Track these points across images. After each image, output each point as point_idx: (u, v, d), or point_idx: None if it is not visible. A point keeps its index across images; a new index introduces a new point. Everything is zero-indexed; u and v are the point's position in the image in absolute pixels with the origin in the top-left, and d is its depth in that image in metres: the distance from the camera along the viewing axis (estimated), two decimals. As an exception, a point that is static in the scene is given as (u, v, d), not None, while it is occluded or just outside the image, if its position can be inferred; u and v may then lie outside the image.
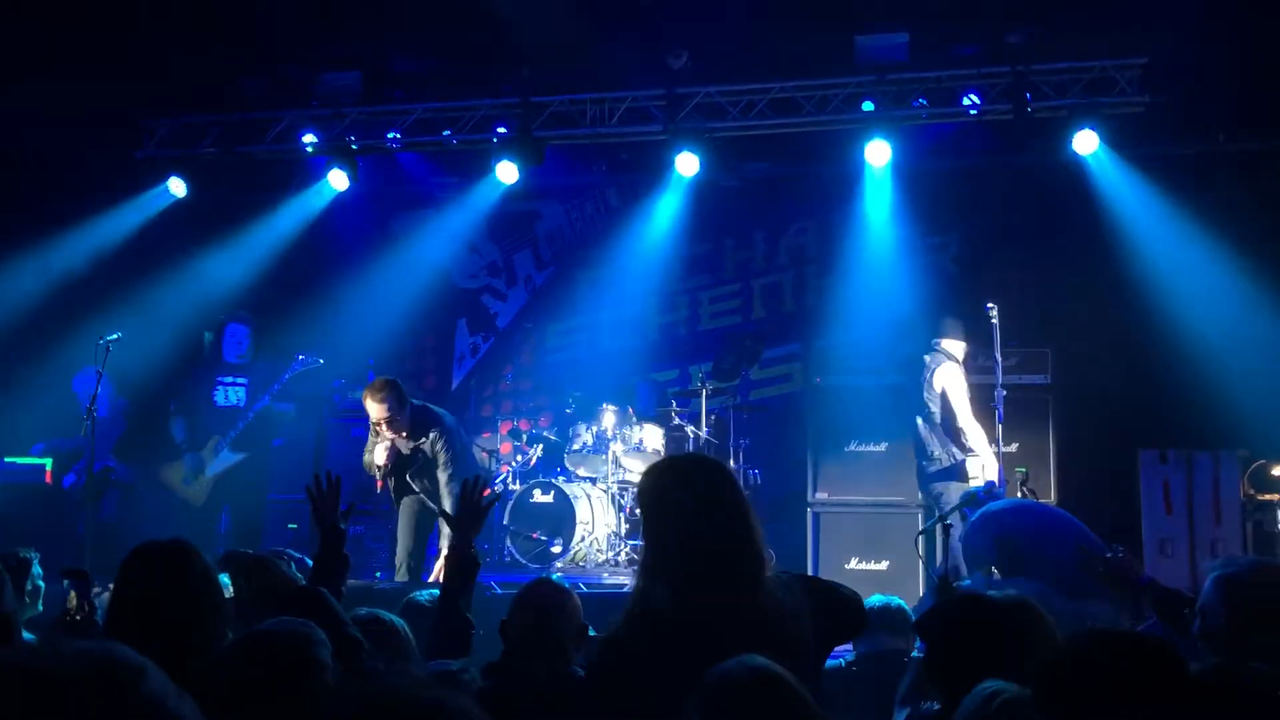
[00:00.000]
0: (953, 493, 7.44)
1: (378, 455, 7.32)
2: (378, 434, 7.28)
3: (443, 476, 7.34)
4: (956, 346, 7.88)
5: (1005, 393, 7.48)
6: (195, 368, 8.48)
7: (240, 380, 8.07)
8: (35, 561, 4.53)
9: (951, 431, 7.65)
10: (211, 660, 2.64)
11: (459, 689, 3.15)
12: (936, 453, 7.67)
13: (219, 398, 8.04)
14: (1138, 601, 4.01)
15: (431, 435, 7.36)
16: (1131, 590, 4.12)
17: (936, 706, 3.09)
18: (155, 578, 3.01)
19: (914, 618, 4.96)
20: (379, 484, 7.54)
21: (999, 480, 7.30)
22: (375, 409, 7.17)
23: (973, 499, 6.67)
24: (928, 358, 7.83)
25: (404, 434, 7.31)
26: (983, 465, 7.47)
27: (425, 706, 1.43)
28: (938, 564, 6.79)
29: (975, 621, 2.96)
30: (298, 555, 5.08)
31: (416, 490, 7.51)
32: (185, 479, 7.95)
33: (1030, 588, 5.78)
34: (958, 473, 7.57)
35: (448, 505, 7.12)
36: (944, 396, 7.68)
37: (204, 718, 1.47)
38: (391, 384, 7.26)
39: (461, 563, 3.93)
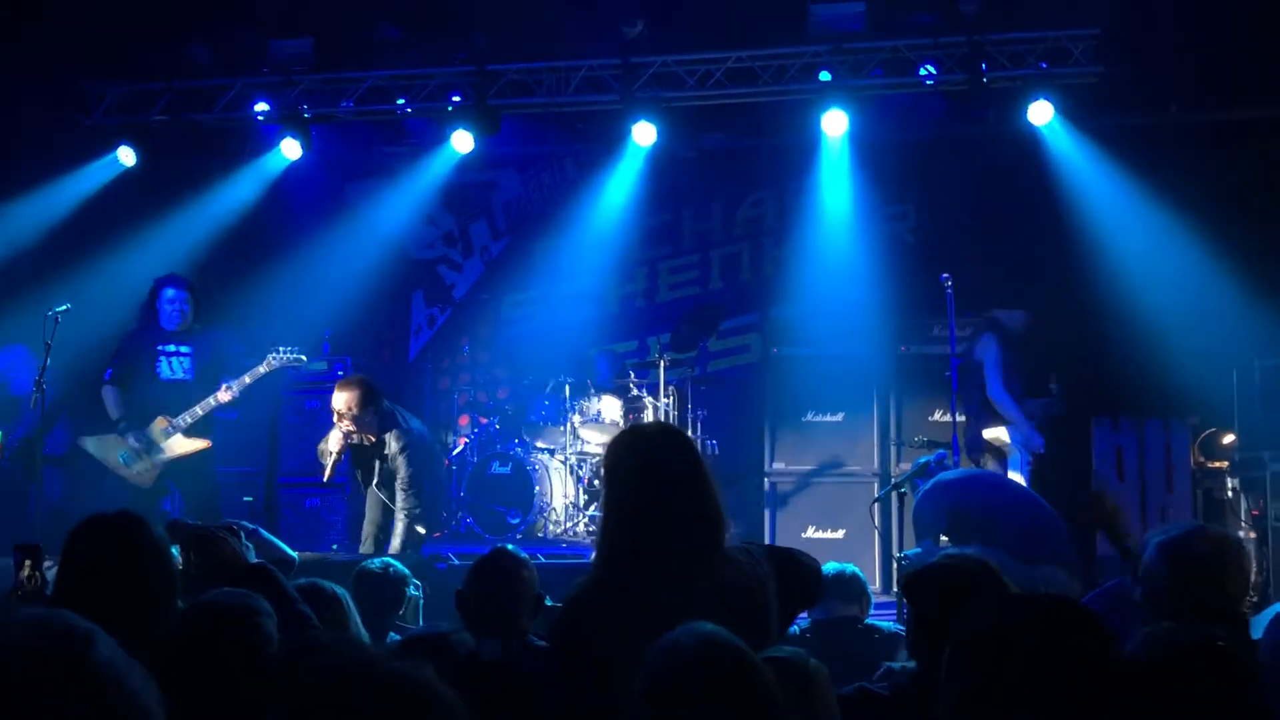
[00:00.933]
0: None
1: (331, 442, 7.21)
2: (337, 422, 7.20)
3: (399, 489, 7.24)
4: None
5: (961, 361, 7.52)
6: (131, 335, 7.82)
7: (184, 350, 7.59)
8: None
9: None
10: (159, 632, 2.61)
11: (450, 650, 3.15)
12: None
13: (162, 370, 7.56)
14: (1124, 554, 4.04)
15: (392, 438, 7.23)
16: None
17: (914, 666, 3.12)
18: (104, 549, 2.98)
19: (868, 585, 5.00)
20: (326, 473, 7.39)
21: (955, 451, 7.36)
22: (338, 401, 7.09)
23: (923, 469, 6.73)
24: None
25: (367, 436, 7.23)
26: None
27: (389, 678, 1.43)
28: (894, 531, 6.83)
29: (960, 582, 3.01)
30: (250, 526, 5.04)
31: (374, 482, 7.44)
32: (124, 457, 7.44)
33: (988, 554, 5.85)
34: None
35: (399, 521, 7.17)
36: None
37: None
38: (363, 383, 7.15)
39: None
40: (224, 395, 7.42)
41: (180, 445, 7.45)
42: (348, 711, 1.39)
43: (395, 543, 7.17)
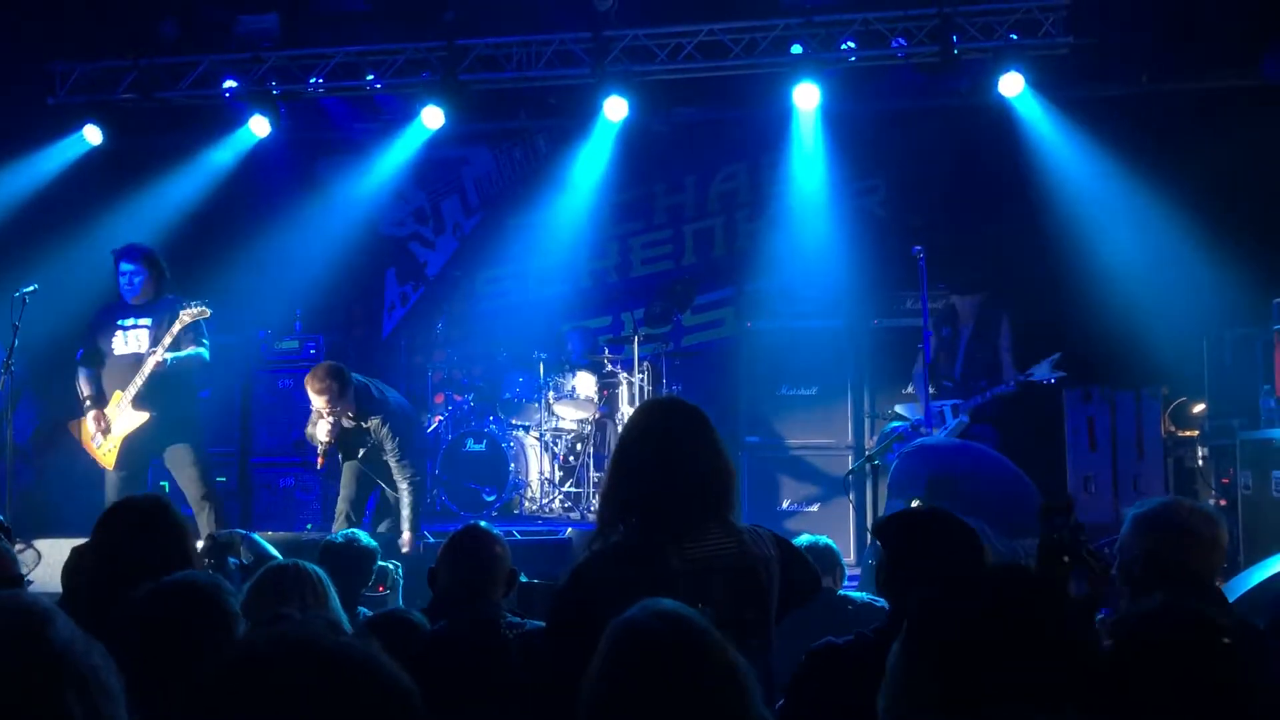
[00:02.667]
0: None
1: (320, 431, 7.14)
2: (320, 414, 7.14)
3: (392, 463, 7.23)
4: None
5: (932, 333, 7.55)
6: (99, 311, 7.55)
7: (143, 322, 7.26)
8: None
9: None
10: (122, 609, 2.63)
11: (410, 632, 3.15)
12: None
13: (117, 345, 7.25)
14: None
15: (374, 422, 7.19)
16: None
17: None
18: (129, 530, 3.16)
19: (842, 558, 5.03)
20: (320, 460, 7.37)
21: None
22: (316, 399, 6.99)
23: (899, 436, 6.76)
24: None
25: (348, 417, 7.18)
26: None
27: (331, 653, 1.40)
28: (868, 503, 6.86)
29: (934, 530, 3.03)
30: (243, 533, 5.02)
31: (360, 459, 7.41)
32: (96, 439, 7.22)
33: (971, 523, 5.90)
34: None
35: (404, 494, 7.16)
36: None
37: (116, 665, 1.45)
38: (334, 371, 7.01)
39: None
40: (151, 362, 7.07)
41: (126, 421, 7.13)
42: (283, 687, 1.37)
43: (405, 512, 7.14)
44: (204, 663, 1.40)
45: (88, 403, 7.25)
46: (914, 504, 5.85)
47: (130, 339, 7.22)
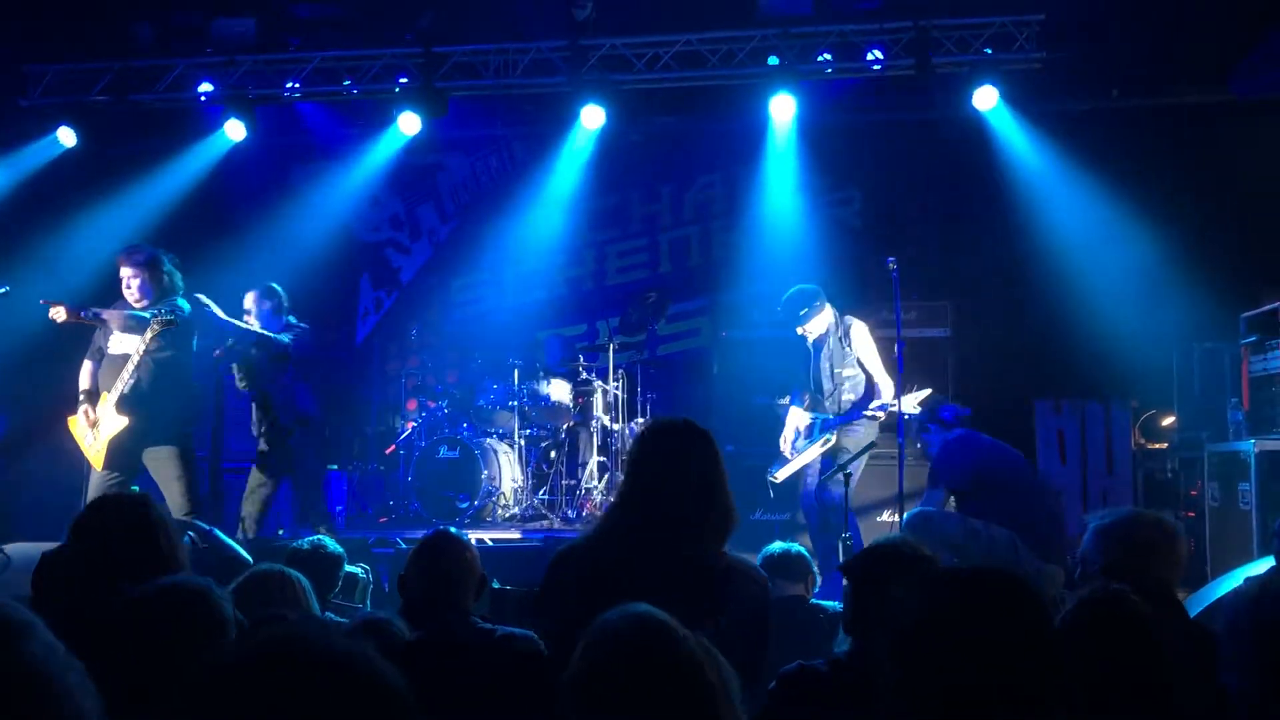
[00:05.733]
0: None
1: None
2: None
3: None
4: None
5: (905, 345, 7.57)
6: (109, 308, 7.25)
7: (142, 324, 7.00)
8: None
9: None
10: (114, 611, 2.62)
11: (388, 638, 3.15)
12: None
13: (113, 343, 7.07)
14: None
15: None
16: None
17: (845, 648, 3.17)
18: (112, 528, 3.14)
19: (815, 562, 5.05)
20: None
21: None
22: None
23: (938, 421, 6.71)
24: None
25: None
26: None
27: (327, 653, 1.41)
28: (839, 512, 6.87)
29: (897, 565, 3.06)
30: (205, 527, 4.98)
31: None
32: (86, 435, 7.04)
33: (999, 533, 5.95)
34: None
35: None
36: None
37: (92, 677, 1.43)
38: None
39: None
40: (131, 365, 6.93)
41: (111, 423, 6.97)
42: (279, 687, 1.38)
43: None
44: (198, 664, 1.39)
45: (82, 398, 7.08)
46: (950, 502, 5.92)
47: (124, 340, 7.04)
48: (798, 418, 7.56)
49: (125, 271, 7.12)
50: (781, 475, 7.52)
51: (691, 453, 3.32)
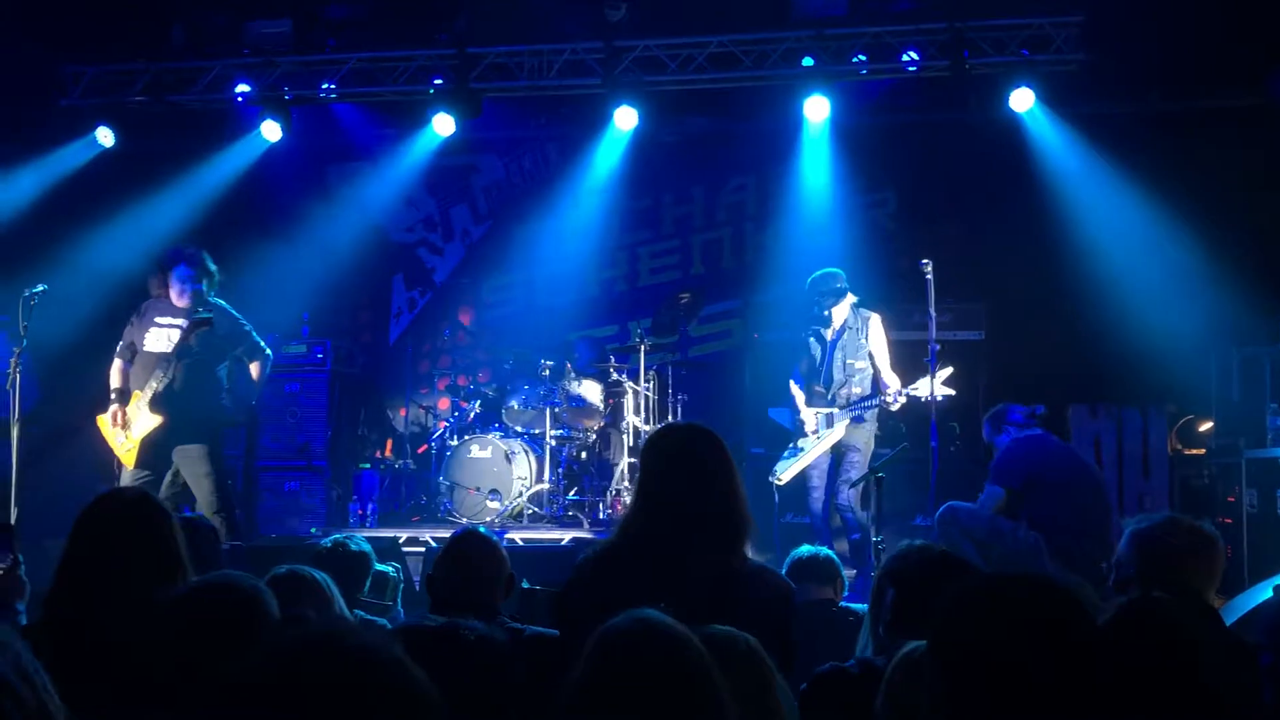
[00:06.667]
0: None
1: None
2: None
3: None
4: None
5: (939, 347, 7.52)
6: (143, 306, 7.33)
7: (177, 323, 7.10)
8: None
9: None
10: (162, 606, 2.64)
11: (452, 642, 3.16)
12: None
13: (150, 340, 7.11)
14: None
15: None
16: None
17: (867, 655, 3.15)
18: (116, 526, 3.10)
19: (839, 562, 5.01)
20: None
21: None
22: None
23: (1003, 414, 6.69)
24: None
25: None
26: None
27: (355, 652, 1.43)
28: (870, 513, 6.82)
29: (936, 574, 3.04)
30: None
31: None
32: (116, 434, 7.08)
33: (1027, 537, 5.92)
34: None
35: None
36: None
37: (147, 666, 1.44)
38: None
39: None
40: (171, 363, 7.03)
41: (145, 422, 7.02)
42: (309, 680, 1.39)
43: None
44: (237, 663, 1.40)
45: (114, 395, 7.13)
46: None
47: (162, 337, 7.11)
48: (809, 413, 7.52)
49: (186, 273, 7.19)
50: (786, 476, 7.47)
51: (699, 455, 3.31)
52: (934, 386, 7.03)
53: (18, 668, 1.33)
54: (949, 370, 7.21)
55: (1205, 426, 8.46)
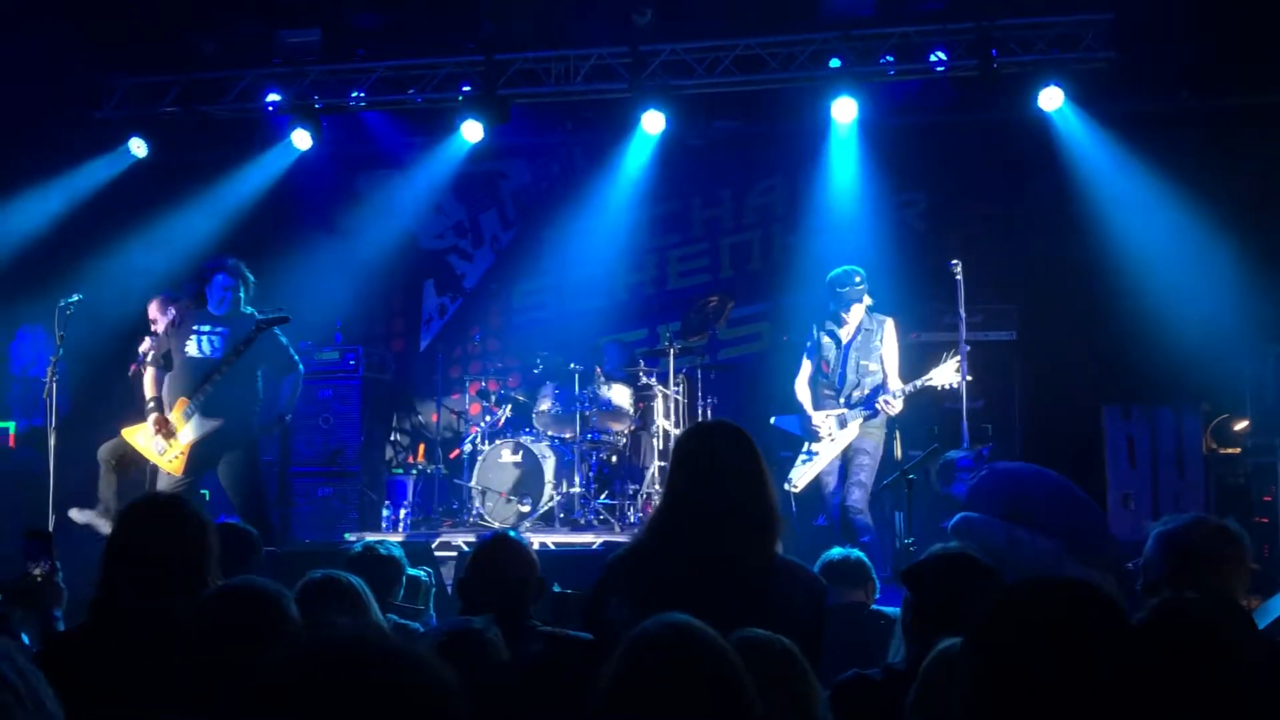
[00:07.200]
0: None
1: None
2: None
3: None
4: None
5: (969, 348, 7.49)
6: (178, 316, 7.43)
7: (220, 329, 7.25)
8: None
9: None
10: (195, 607, 2.68)
11: (484, 646, 3.18)
12: None
13: (189, 348, 7.20)
14: None
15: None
16: None
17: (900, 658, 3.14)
18: (151, 528, 3.16)
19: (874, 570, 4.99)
20: None
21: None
22: None
23: (951, 465, 6.70)
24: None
25: None
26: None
27: (382, 654, 1.44)
28: (902, 518, 6.80)
29: (963, 574, 3.03)
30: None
31: None
32: (155, 443, 7.09)
33: (1045, 543, 5.89)
34: None
35: None
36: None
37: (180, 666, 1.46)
38: None
39: None
40: (209, 374, 7.12)
41: (195, 427, 7.09)
42: (335, 682, 1.40)
43: None
44: (262, 665, 1.42)
45: (151, 404, 7.19)
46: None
47: (205, 344, 7.22)
48: (819, 416, 7.46)
49: (225, 282, 7.33)
50: (801, 482, 7.44)
51: (728, 452, 3.30)
52: (945, 374, 7.02)
53: (17, 670, 1.35)
54: (957, 359, 7.18)
55: (1241, 425, 8.38)
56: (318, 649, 1.46)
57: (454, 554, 7.33)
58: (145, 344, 7.43)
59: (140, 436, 7.19)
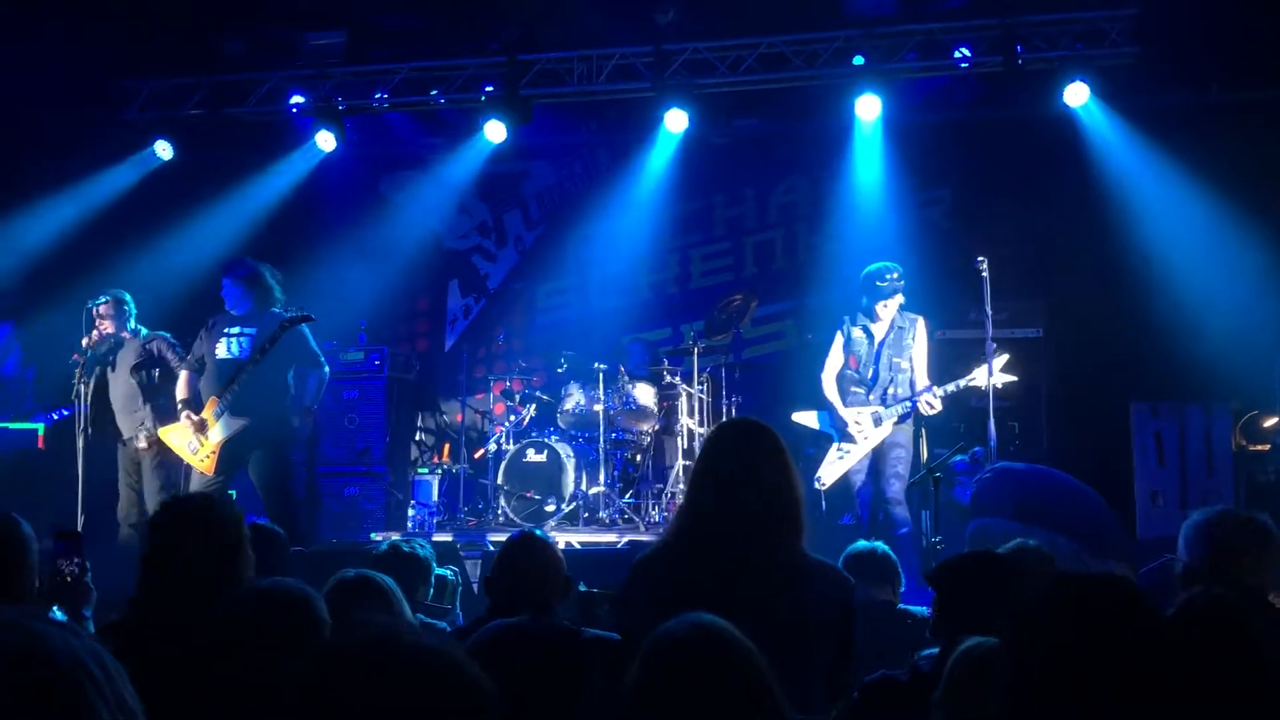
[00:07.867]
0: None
1: None
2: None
3: None
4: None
5: (996, 346, 7.44)
6: (212, 319, 7.60)
7: (249, 330, 7.38)
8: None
9: None
10: (226, 608, 2.70)
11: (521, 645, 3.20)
12: None
13: (218, 349, 7.37)
14: None
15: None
16: None
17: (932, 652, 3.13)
18: (186, 528, 3.19)
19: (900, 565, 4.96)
20: None
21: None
22: None
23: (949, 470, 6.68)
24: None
25: None
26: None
27: (416, 654, 1.46)
28: (932, 516, 6.77)
29: (986, 572, 3.02)
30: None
31: None
32: (190, 443, 7.20)
33: (1062, 543, 5.86)
34: None
35: None
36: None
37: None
38: None
39: None
40: (237, 374, 7.20)
41: (225, 426, 7.18)
42: (370, 681, 1.41)
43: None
44: (295, 664, 1.43)
45: (181, 405, 7.30)
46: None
47: (234, 346, 7.36)
48: (851, 413, 7.40)
49: (225, 282, 7.46)
50: (829, 479, 7.40)
51: (756, 449, 3.27)
52: (991, 376, 6.96)
53: (100, 663, 1.36)
54: (1005, 357, 7.13)
55: (1270, 422, 8.31)
56: (354, 648, 1.47)
57: (479, 553, 7.34)
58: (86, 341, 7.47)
59: (175, 435, 7.29)
